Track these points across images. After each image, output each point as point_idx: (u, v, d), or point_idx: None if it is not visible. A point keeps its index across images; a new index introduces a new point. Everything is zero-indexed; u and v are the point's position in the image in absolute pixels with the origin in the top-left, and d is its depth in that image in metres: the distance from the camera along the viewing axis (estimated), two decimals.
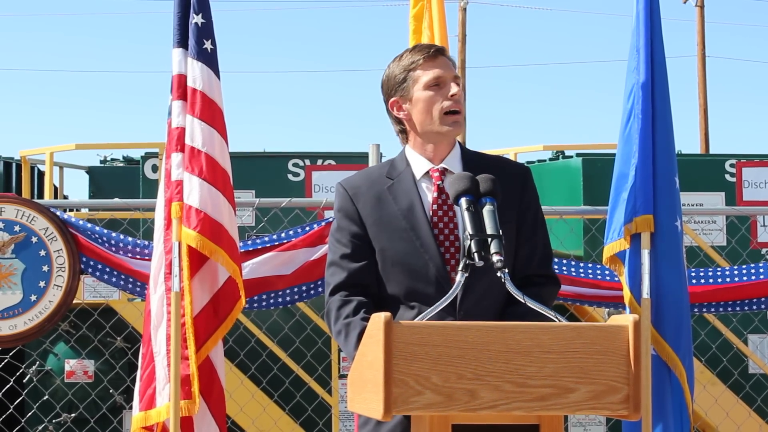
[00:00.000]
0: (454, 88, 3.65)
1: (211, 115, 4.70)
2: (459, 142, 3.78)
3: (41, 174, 10.23)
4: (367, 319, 3.18)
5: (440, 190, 3.66)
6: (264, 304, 5.26)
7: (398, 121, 3.76)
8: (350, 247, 3.66)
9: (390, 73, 3.76)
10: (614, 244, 4.74)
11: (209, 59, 4.72)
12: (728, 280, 5.37)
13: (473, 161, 3.71)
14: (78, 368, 8.06)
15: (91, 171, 10.11)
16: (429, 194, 3.67)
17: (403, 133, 3.77)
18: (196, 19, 4.72)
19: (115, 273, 5.20)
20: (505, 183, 3.56)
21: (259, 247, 5.23)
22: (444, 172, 3.68)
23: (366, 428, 3.61)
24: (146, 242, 5.23)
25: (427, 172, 3.70)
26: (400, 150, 3.81)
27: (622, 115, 4.75)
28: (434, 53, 3.70)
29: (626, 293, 4.74)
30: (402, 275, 3.62)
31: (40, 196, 9.77)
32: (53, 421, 7.99)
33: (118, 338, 7.89)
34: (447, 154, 3.72)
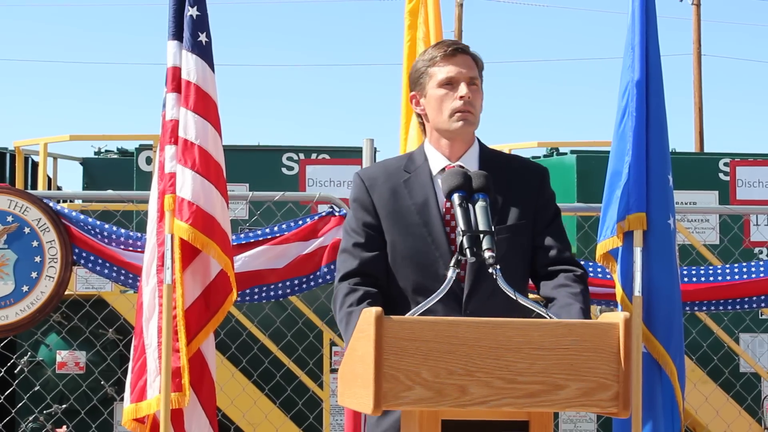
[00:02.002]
0: (463, 89, 3.62)
1: (205, 107, 4.69)
2: (479, 140, 3.76)
3: (35, 165, 10.22)
4: None
5: None
6: (256, 297, 5.27)
7: (418, 115, 3.77)
8: (363, 236, 3.65)
9: (415, 66, 3.75)
10: (607, 241, 4.74)
11: (204, 52, 4.72)
12: (720, 278, 5.37)
13: (491, 160, 3.70)
14: (69, 359, 8.05)
15: (85, 162, 10.10)
16: None
17: (423, 126, 3.77)
18: (191, 11, 4.71)
19: (108, 264, 5.19)
20: (523, 182, 3.61)
21: (252, 240, 5.23)
22: None
23: (370, 420, 3.61)
24: (139, 234, 5.22)
25: (443, 169, 3.68)
26: (420, 144, 3.80)
27: (616, 112, 4.74)
28: (452, 51, 3.66)
29: (618, 291, 4.74)
30: (410, 270, 3.61)
31: (34, 186, 9.75)
32: (44, 412, 7.99)
33: (110, 330, 7.89)
34: (464, 152, 3.70)
